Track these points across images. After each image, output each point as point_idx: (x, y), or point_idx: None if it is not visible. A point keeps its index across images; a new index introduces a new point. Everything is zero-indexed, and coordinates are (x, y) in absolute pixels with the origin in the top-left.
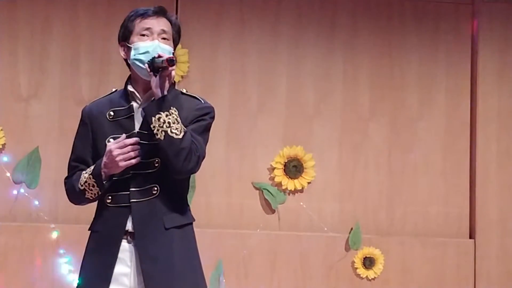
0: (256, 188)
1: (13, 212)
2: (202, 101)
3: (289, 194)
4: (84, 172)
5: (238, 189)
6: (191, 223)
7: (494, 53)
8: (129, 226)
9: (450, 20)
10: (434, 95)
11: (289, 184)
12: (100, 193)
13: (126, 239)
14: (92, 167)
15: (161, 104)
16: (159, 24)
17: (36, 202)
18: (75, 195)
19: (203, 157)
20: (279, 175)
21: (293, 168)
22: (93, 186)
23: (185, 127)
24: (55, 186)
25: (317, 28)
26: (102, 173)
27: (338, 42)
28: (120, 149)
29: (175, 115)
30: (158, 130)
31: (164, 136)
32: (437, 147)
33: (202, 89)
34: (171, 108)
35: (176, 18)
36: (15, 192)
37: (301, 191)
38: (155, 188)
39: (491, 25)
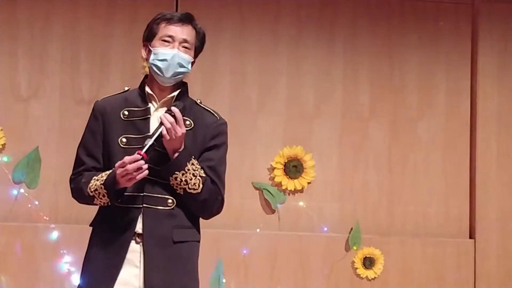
0: (256, 188)
1: (13, 212)
2: (218, 117)
3: (289, 194)
4: (95, 178)
5: (238, 189)
6: (198, 241)
7: (494, 53)
8: (138, 228)
9: (450, 20)
10: (434, 95)
11: (289, 184)
12: (110, 203)
13: (135, 239)
14: (104, 177)
15: (176, 165)
16: (182, 32)
17: (36, 202)
18: (83, 198)
19: (224, 193)
20: (279, 175)
21: (293, 168)
22: (103, 196)
23: (205, 145)
24: (55, 186)
25: (317, 28)
26: (116, 185)
27: (338, 42)
28: (122, 168)
29: (192, 169)
30: (176, 187)
31: (183, 192)
32: (437, 147)
33: (202, 89)
34: (187, 165)
35: (200, 27)
36: (15, 192)
37: (301, 191)
38: (171, 201)
39: (491, 25)
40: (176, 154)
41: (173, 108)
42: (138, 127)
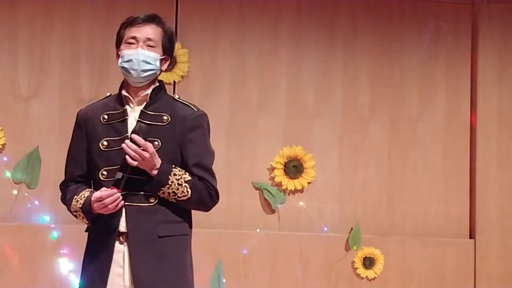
0: (256, 188)
1: (13, 212)
2: (195, 109)
3: (289, 194)
4: (75, 198)
5: (238, 189)
6: (188, 235)
7: (494, 53)
8: (121, 226)
9: (450, 20)
10: (434, 95)
11: (289, 184)
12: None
13: (118, 239)
14: (82, 199)
15: (158, 183)
16: (145, 31)
17: (36, 202)
18: (69, 211)
19: (216, 184)
20: (279, 175)
21: (293, 168)
22: (83, 218)
23: (184, 137)
24: (55, 186)
25: (317, 28)
26: (91, 212)
27: (338, 42)
28: (99, 202)
29: (175, 180)
30: (167, 198)
31: (175, 200)
32: (437, 147)
33: (202, 89)
34: (169, 178)
35: (168, 26)
36: (15, 192)
37: (301, 191)
38: (152, 197)
39: (491, 25)
40: (155, 172)
41: (133, 136)
42: (117, 129)
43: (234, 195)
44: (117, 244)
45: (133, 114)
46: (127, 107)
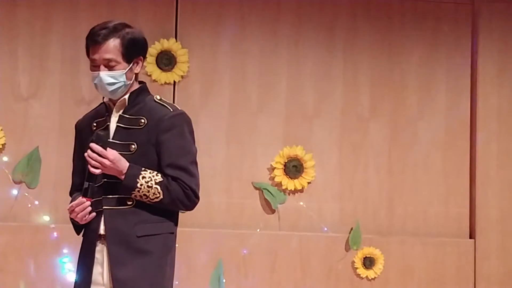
0: (256, 188)
1: (13, 212)
2: (171, 110)
3: (289, 194)
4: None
5: (238, 189)
6: (172, 233)
7: (494, 53)
8: (101, 229)
9: (450, 20)
10: (434, 95)
11: (289, 184)
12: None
13: (100, 241)
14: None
15: (127, 187)
16: (103, 52)
17: (36, 202)
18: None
19: (196, 185)
20: (279, 175)
21: (293, 168)
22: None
23: (160, 137)
24: (55, 186)
25: (317, 28)
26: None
27: (338, 42)
28: (71, 211)
29: (145, 183)
30: (141, 200)
31: (149, 202)
32: (437, 147)
33: (202, 89)
34: (137, 182)
35: (127, 31)
36: (15, 192)
37: (301, 191)
38: (130, 200)
39: (491, 25)
40: (123, 177)
41: (91, 145)
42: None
43: (234, 195)
44: (99, 245)
45: (113, 119)
46: (108, 113)
